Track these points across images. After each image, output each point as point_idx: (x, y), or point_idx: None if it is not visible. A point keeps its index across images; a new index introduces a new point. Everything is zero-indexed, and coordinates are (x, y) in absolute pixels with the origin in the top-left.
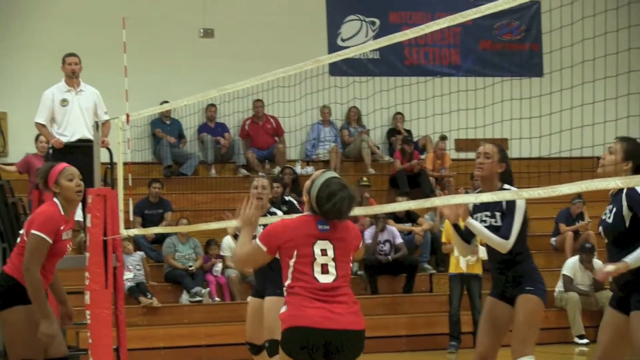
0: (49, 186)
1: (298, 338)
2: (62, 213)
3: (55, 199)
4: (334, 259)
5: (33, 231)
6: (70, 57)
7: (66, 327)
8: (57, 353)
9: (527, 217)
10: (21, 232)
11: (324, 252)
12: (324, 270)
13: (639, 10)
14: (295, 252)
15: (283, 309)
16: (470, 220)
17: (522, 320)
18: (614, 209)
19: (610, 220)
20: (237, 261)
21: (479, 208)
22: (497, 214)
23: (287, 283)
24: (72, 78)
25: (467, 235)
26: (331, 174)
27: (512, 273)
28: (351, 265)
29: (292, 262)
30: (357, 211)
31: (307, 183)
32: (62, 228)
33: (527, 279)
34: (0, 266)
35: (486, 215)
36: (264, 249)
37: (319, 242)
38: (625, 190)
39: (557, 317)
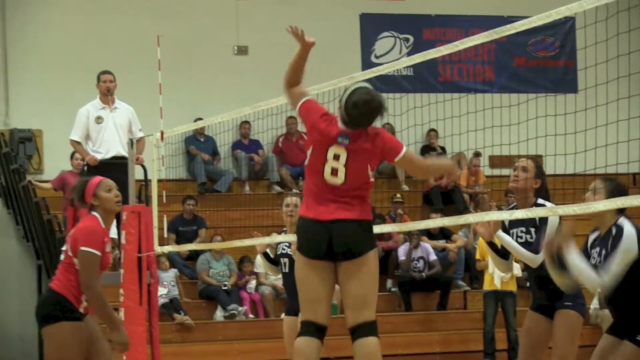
0: (87, 200)
1: (303, 227)
2: (103, 226)
3: (94, 213)
4: (345, 165)
5: (82, 248)
6: (105, 75)
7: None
8: None
9: None
10: (64, 248)
11: (336, 157)
12: (334, 172)
13: None
14: (311, 148)
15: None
16: (501, 234)
17: (561, 337)
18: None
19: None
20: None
21: (514, 224)
22: (532, 229)
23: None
24: (107, 95)
25: (503, 252)
26: (362, 84)
27: (551, 287)
28: (369, 173)
29: (308, 153)
30: (390, 228)
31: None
32: (105, 240)
33: (566, 293)
34: (36, 282)
35: (521, 231)
36: (301, 100)
37: (334, 146)
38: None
39: (592, 334)
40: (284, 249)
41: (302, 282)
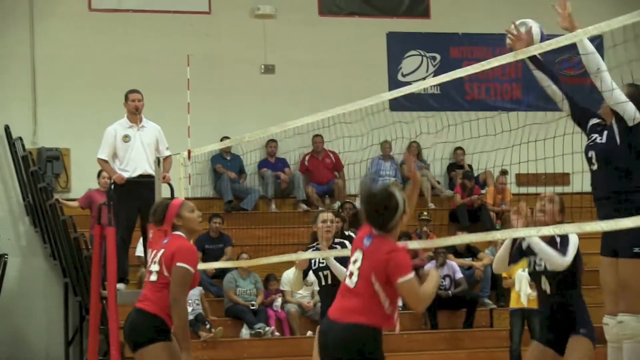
0: (169, 221)
1: None
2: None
3: (178, 232)
4: (358, 269)
5: (179, 264)
6: (134, 94)
7: None
8: None
9: (581, 258)
10: (154, 269)
11: (355, 261)
12: (350, 275)
13: None
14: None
15: None
16: (531, 234)
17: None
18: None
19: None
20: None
21: (532, 252)
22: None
23: None
24: (135, 114)
25: (515, 255)
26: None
27: (563, 314)
28: (375, 286)
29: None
30: (417, 244)
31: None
32: (197, 259)
33: (579, 320)
34: (62, 299)
35: (540, 259)
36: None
37: (357, 252)
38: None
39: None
40: (322, 262)
41: None
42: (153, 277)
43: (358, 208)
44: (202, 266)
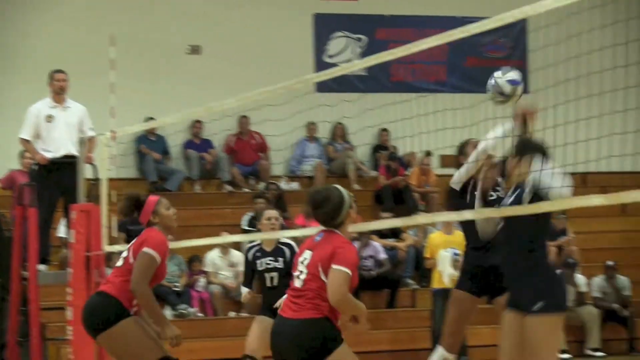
0: (146, 217)
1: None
2: None
3: (154, 227)
4: (307, 265)
5: (146, 249)
6: (59, 74)
7: None
8: None
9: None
10: (124, 255)
11: (303, 261)
12: (299, 275)
13: (624, 30)
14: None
15: None
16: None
17: (536, 346)
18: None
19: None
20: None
21: None
22: None
23: None
24: (60, 94)
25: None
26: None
27: (526, 280)
28: (322, 277)
29: None
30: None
31: None
32: (166, 254)
33: (540, 289)
34: None
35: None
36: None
37: (306, 252)
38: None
39: None
40: (268, 264)
41: None
42: (119, 262)
43: (283, 189)
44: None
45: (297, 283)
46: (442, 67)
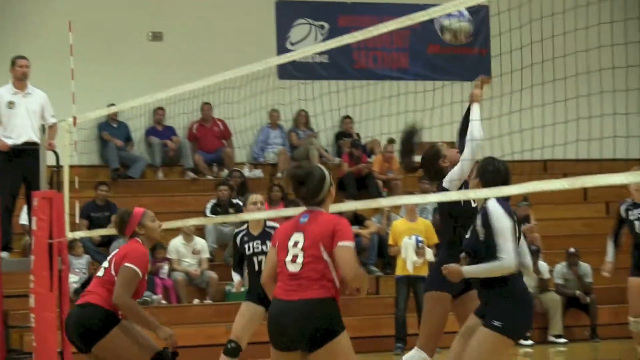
0: (131, 229)
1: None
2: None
3: (137, 239)
4: (302, 248)
5: (128, 264)
6: (21, 60)
7: None
8: None
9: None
10: (105, 265)
11: (295, 244)
12: (293, 259)
13: (586, 14)
14: (276, 245)
15: None
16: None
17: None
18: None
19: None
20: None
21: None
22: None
23: None
24: (22, 80)
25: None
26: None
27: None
28: (324, 255)
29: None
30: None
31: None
32: (147, 267)
33: (504, 310)
34: None
35: None
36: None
37: (295, 234)
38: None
39: None
40: (256, 247)
41: None
42: (100, 272)
43: (246, 176)
44: (87, 234)
45: (293, 267)
46: (405, 54)
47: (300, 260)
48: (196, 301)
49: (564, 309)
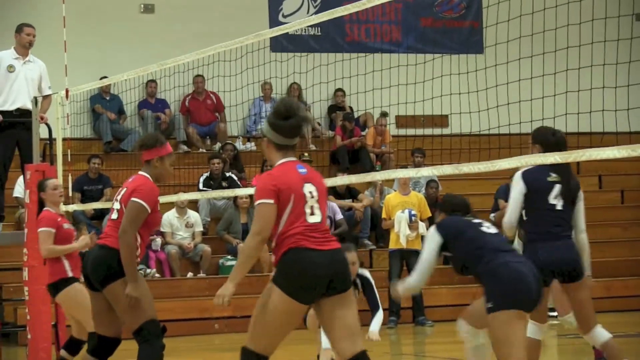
0: (150, 157)
1: (301, 261)
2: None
3: (144, 173)
4: (317, 201)
5: (134, 199)
6: (29, 28)
7: None
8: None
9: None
10: (116, 207)
11: (311, 194)
12: (312, 211)
13: None
14: (292, 196)
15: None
16: None
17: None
18: None
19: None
20: (260, 233)
21: None
22: None
23: (278, 231)
24: (26, 48)
25: None
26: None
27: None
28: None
29: (289, 207)
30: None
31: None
32: (157, 200)
33: (487, 291)
34: None
35: None
36: (271, 201)
37: (306, 184)
38: None
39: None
40: None
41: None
42: (114, 215)
43: (239, 149)
44: (80, 207)
45: (314, 219)
46: (397, 27)
47: (318, 211)
48: (190, 274)
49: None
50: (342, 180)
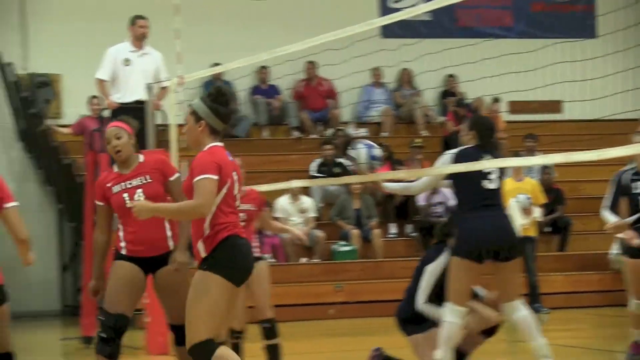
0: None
1: (242, 247)
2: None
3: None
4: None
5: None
6: (142, 20)
7: None
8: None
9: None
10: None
11: (237, 182)
12: (239, 200)
13: None
14: (228, 179)
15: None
16: None
17: None
18: None
19: None
20: (203, 206)
21: None
22: None
23: (211, 214)
24: (140, 40)
25: None
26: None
27: None
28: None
29: (225, 188)
30: (404, 174)
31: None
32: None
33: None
34: (56, 226)
35: None
36: (215, 177)
37: (234, 172)
38: None
39: (612, 279)
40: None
41: None
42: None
43: (351, 135)
44: None
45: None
46: (508, 12)
47: (239, 202)
48: (304, 260)
49: None
50: (452, 168)
